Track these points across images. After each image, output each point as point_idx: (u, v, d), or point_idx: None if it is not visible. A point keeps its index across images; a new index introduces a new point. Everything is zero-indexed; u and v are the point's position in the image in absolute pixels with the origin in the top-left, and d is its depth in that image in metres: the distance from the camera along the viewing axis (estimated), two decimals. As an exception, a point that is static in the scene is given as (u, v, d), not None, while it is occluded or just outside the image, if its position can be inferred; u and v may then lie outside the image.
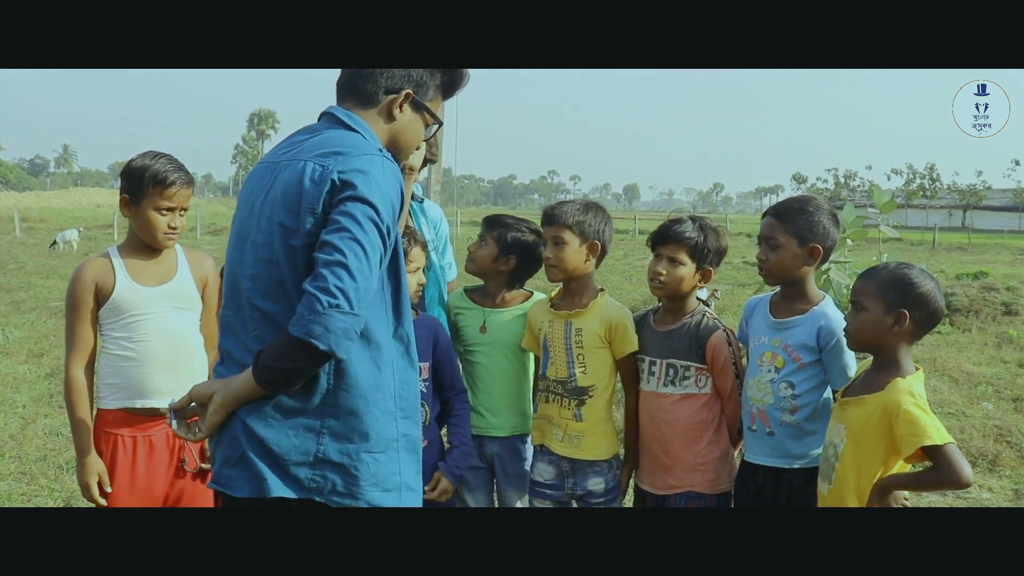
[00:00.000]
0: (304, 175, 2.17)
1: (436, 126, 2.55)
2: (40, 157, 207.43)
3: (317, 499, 2.20)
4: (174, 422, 2.34)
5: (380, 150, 2.28)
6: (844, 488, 2.73)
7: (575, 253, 3.29)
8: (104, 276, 3.10)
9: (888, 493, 2.65)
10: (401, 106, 2.40)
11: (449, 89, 2.54)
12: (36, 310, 12.69)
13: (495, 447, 3.51)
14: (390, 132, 2.42)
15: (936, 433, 2.54)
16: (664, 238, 3.26)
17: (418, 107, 2.45)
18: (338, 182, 2.13)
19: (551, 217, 3.32)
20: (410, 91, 2.40)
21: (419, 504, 2.38)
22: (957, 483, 2.57)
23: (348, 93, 2.41)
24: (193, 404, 2.30)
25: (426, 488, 3.20)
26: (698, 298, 3.37)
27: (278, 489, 2.17)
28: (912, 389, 2.65)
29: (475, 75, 2.62)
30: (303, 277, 2.11)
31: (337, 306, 2.02)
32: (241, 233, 2.32)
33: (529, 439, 3.54)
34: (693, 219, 3.31)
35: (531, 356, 3.56)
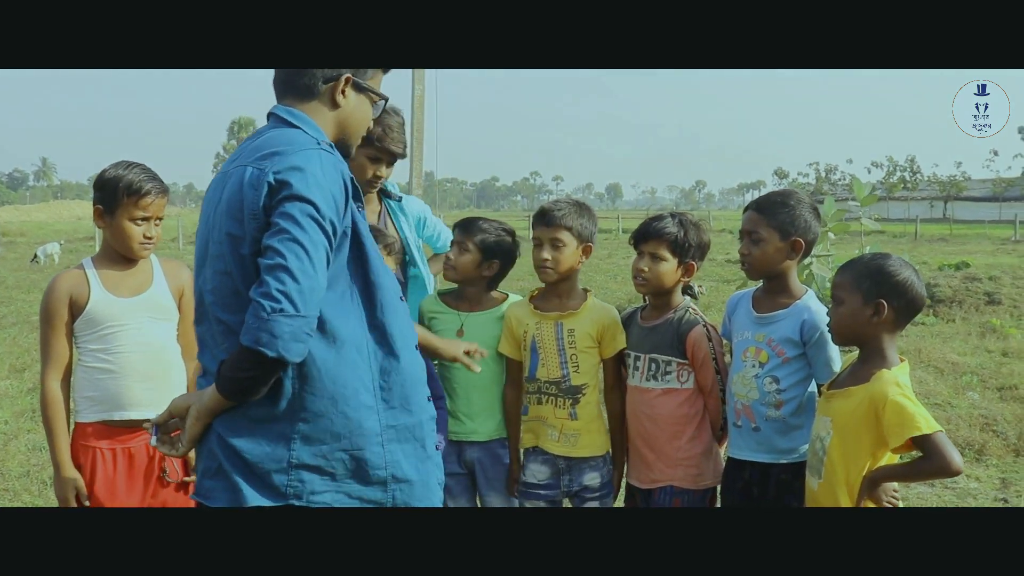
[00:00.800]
0: (243, 181, 2.15)
1: (383, 102, 2.51)
2: (19, 171, 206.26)
3: (296, 503, 2.17)
4: (154, 438, 2.33)
5: (319, 143, 2.24)
6: (834, 481, 2.71)
7: (572, 255, 3.30)
8: (78, 288, 3.07)
9: (878, 485, 2.65)
10: (344, 91, 2.37)
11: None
12: (17, 325, 12.59)
13: (475, 452, 3.47)
14: (336, 119, 2.39)
15: (924, 423, 2.53)
16: (645, 235, 3.27)
17: (360, 89, 2.41)
18: (274, 183, 2.10)
19: (550, 219, 3.30)
20: (349, 74, 2.37)
21: (412, 496, 2.33)
22: (947, 471, 2.57)
23: (287, 90, 2.38)
24: (174, 419, 2.29)
25: None
26: (686, 293, 3.36)
27: (254, 499, 2.15)
28: (898, 380, 2.64)
29: (456, 77, 2.60)
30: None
31: (281, 310, 1.99)
32: (201, 248, 2.30)
33: (507, 443, 3.50)
34: (673, 215, 3.32)
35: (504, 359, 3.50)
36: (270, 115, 2.39)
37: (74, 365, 3.12)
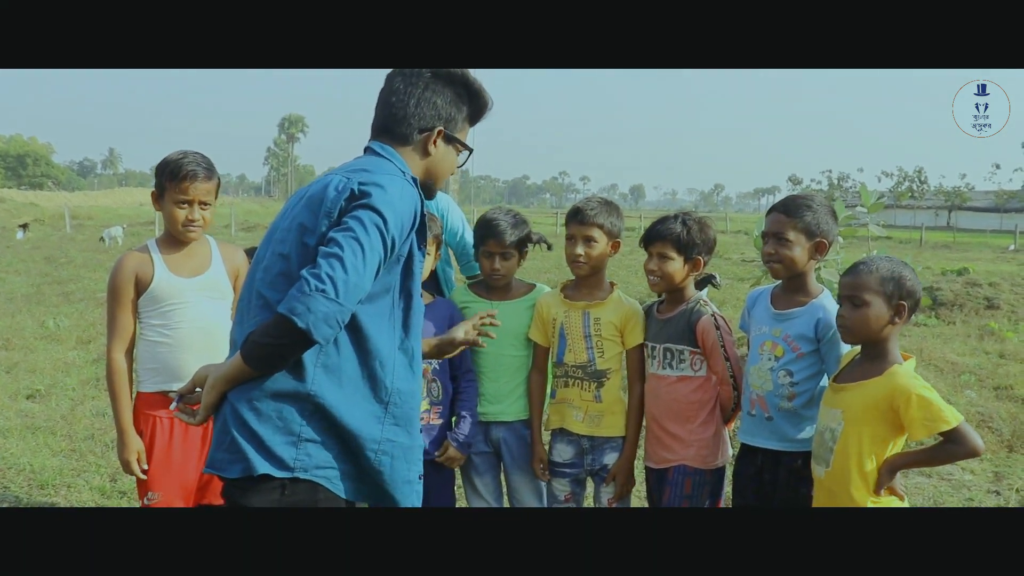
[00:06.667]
0: (330, 185, 2.21)
1: (468, 153, 2.56)
2: (88, 159, 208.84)
3: (301, 476, 2.18)
4: (174, 404, 2.36)
5: (404, 174, 2.31)
6: (844, 470, 2.69)
7: (603, 250, 3.33)
8: (143, 267, 3.11)
9: (898, 471, 2.67)
10: (435, 142, 2.43)
11: (475, 117, 2.55)
12: (84, 300, 12.76)
13: (501, 432, 3.48)
14: (426, 166, 2.45)
15: (951, 415, 2.54)
16: (652, 237, 3.30)
17: (450, 140, 2.47)
18: (356, 191, 2.16)
19: (584, 217, 3.31)
20: (441, 128, 2.42)
21: (382, 503, 2.36)
22: (975, 454, 2.60)
23: (383, 133, 2.44)
24: (198, 390, 2.31)
25: (436, 453, 3.31)
26: (709, 282, 3.36)
27: (263, 467, 2.15)
28: (913, 374, 2.65)
29: (490, 78, 2.62)
30: None
31: (323, 291, 2.01)
32: (270, 232, 2.35)
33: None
34: (677, 216, 3.32)
35: (532, 345, 3.51)
36: (366, 148, 2.45)
37: (137, 339, 3.16)
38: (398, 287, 2.28)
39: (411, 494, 2.36)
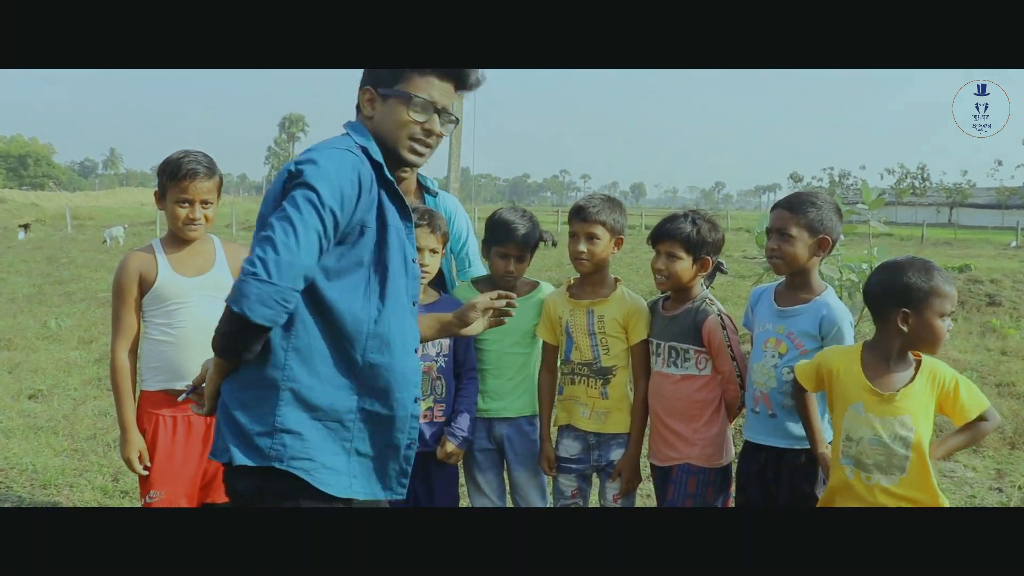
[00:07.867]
0: (281, 173, 2.24)
1: (417, 99, 2.36)
2: (89, 160, 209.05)
3: (277, 466, 2.18)
4: (184, 395, 2.45)
5: (354, 145, 2.29)
6: (924, 471, 2.67)
7: (605, 247, 3.32)
8: (147, 266, 3.12)
9: (941, 459, 2.76)
10: (371, 104, 2.40)
11: (429, 66, 2.39)
12: (86, 300, 12.76)
13: (504, 428, 3.48)
14: (373, 130, 2.40)
15: (983, 395, 2.67)
16: (660, 235, 3.28)
17: (384, 96, 2.38)
18: (293, 171, 2.17)
19: (586, 215, 3.31)
20: (368, 88, 2.39)
21: (368, 470, 2.33)
22: (997, 426, 2.75)
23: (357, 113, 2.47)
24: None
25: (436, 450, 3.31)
26: (718, 270, 3.35)
27: (240, 458, 2.19)
28: (941, 361, 2.74)
29: (490, 77, 2.60)
30: None
31: (254, 274, 2.03)
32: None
33: (537, 420, 3.52)
34: (687, 214, 3.31)
35: (539, 342, 3.54)
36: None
37: (141, 337, 3.17)
38: (371, 261, 2.27)
39: (397, 458, 2.35)
